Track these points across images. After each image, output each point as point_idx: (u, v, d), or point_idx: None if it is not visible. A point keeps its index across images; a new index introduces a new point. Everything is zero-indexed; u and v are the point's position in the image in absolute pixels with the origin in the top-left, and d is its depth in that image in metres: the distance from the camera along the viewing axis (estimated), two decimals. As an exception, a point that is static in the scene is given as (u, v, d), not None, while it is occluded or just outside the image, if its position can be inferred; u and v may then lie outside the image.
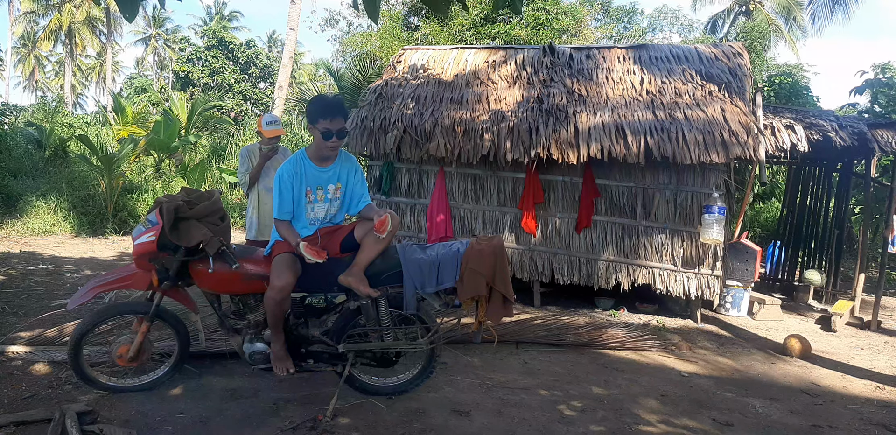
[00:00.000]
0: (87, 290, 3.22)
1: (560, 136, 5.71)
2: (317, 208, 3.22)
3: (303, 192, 3.17)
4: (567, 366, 4.29)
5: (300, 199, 3.17)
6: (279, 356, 3.16)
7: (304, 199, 3.18)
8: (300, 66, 30.48)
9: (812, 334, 5.75)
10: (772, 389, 4.11)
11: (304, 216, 3.21)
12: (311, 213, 3.21)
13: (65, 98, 33.13)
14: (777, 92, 10.87)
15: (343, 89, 12.44)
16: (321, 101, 3.13)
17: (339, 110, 3.07)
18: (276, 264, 3.02)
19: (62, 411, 2.85)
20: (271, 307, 3.01)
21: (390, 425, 3.09)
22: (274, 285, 2.96)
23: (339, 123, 3.07)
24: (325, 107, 3.07)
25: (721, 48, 6.82)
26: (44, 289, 5.63)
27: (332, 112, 3.04)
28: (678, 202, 5.78)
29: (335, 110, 3.05)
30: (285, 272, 2.98)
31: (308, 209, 3.20)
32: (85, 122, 16.62)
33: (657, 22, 24.02)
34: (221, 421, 3.03)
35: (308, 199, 3.19)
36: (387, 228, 2.97)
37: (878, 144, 6.27)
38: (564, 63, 6.81)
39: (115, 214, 10.16)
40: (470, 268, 3.12)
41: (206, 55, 25.02)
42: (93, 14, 33.91)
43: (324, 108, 3.06)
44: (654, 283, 5.87)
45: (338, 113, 3.06)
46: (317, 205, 3.22)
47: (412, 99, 6.52)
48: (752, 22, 18.28)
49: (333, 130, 3.05)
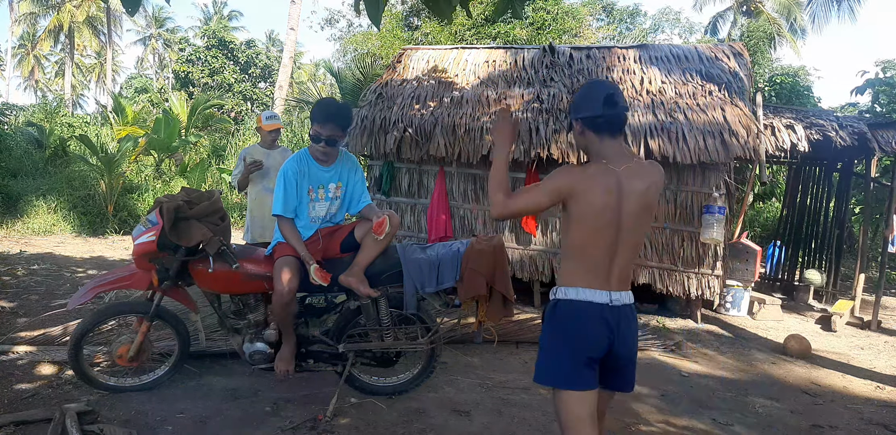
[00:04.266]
0: (87, 290, 3.22)
1: (560, 137, 5.70)
2: (318, 207, 3.22)
3: (304, 190, 3.17)
4: (567, 366, 4.28)
5: (301, 196, 3.17)
6: (284, 358, 3.15)
7: (307, 198, 3.19)
8: (300, 66, 30.48)
9: (812, 334, 5.75)
10: (772, 388, 4.11)
11: (306, 214, 3.21)
12: (312, 211, 3.21)
13: (65, 98, 33.13)
14: (778, 92, 10.87)
15: (343, 89, 12.45)
16: (320, 105, 3.13)
17: (333, 118, 3.05)
18: (279, 269, 3.00)
19: (62, 411, 2.85)
20: (279, 311, 3.02)
21: (390, 425, 3.09)
22: (278, 291, 2.96)
23: (330, 130, 3.05)
24: (321, 111, 3.07)
25: (721, 48, 6.82)
26: (44, 289, 5.63)
27: (326, 118, 3.04)
28: (678, 202, 5.78)
29: (329, 117, 3.04)
30: (289, 277, 2.97)
31: (309, 208, 3.20)
32: (85, 122, 16.62)
33: (659, 22, 24.05)
34: (221, 421, 3.03)
35: (310, 197, 3.19)
36: (385, 230, 2.97)
37: (879, 144, 6.27)
38: (564, 63, 6.81)
39: (115, 214, 10.16)
40: (470, 268, 3.11)
41: (206, 55, 25.00)
42: (92, 14, 33.92)
43: (319, 113, 3.07)
44: (655, 282, 5.86)
45: (331, 120, 3.04)
46: (318, 203, 3.22)
47: (412, 99, 6.52)
48: (756, 23, 18.25)
49: (323, 136, 3.06)
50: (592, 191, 1.94)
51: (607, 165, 1.98)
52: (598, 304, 1.95)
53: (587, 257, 1.98)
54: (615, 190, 1.95)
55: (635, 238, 2.01)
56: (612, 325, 1.95)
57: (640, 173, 2.00)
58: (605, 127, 1.99)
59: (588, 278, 1.97)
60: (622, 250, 1.98)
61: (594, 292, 1.95)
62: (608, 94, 1.98)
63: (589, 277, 1.97)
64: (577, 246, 1.99)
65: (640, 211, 1.98)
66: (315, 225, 3.25)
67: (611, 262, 1.98)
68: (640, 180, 1.99)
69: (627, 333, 1.99)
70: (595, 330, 1.94)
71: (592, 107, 1.99)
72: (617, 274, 1.99)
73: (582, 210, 1.96)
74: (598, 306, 1.94)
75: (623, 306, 1.99)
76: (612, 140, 2.02)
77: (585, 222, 1.96)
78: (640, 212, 1.98)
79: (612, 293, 1.97)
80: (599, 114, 1.97)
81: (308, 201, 3.19)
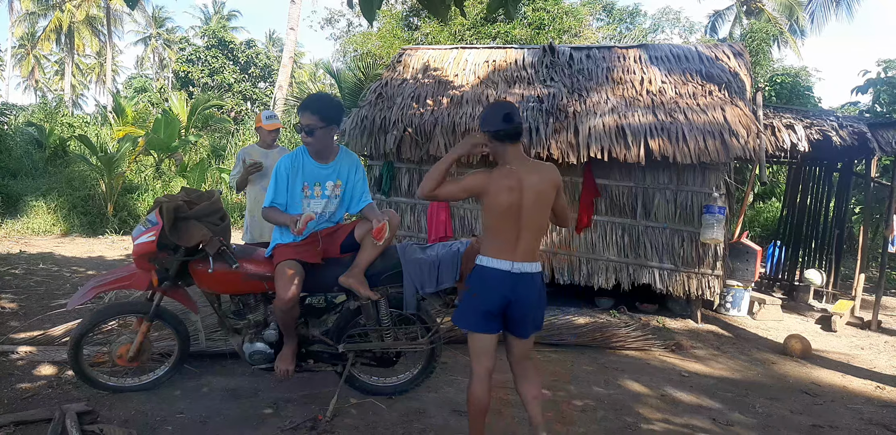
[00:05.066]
0: (87, 290, 3.22)
1: (560, 136, 5.71)
2: (313, 204, 3.21)
3: (298, 187, 3.16)
4: (567, 366, 4.29)
5: (295, 192, 3.17)
6: (285, 359, 3.15)
7: (301, 194, 3.18)
8: (300, 66, 30.47)
9: (812, 334, 5.75)
10: (772, 388, 4.11)
11: (299, 211, 3.20)
12: (306, 208, 3.19)
13: (65, 98, 33.11)
14: (778, 92, 10.87)
15: (343, 89, 12.44)
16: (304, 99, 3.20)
17: (307, 106, 3.08)
18: (281, 274, 2.98)
19: (62, 411, 2.85)
20: (282, 316, 3.01)
21: (390, 425, 3.08)
22: (281, 296, 2.94)
23: (305, 119, 3.07)
24: (301, 103, 3.16)
25: (721, 48, 6.82)
26: (44, 289, 5.63)
27: (301, 107, 3.11)
28: (678, 202, 5.78)
29: (304, 106, 3.10)
30: (292, 282, 2.96)
31: (304, 204, 3.19)
32: (85, 122, 16.61)
33: (659, 22, 24.05)
34: (221, 421, 3.03)
35: (305, 193, 3.18)
36: (384, 236, 2.98)
37: (879, 144, 6.27)
38: (564, 63, 6.81)
39: (115, 214, 10.16)
40: (470, 268, 3.11)
41: (206, 55, 25.00)
42: (92, 13, 33.90)
43: (300, 105, 3.15)
44: (655, 282, 5.86)
45: (305, 108, 3.08)
46: (313, 200, 3.21)
47: (412, 99, 6.52)
48: (758, 23, 18.22)
49: (301, 125, 3.10)
50: (499, 190, 2.55)
51: (510, 168, 2.59)
52: (501, 270, 2.55)
53: (497, 237, 2.59)
54: (517, 187, 2.55)
55: (537, 222, 2.60)
56: (511, 286, 2.54)
57: (535, 171, 2.61)
58: (506, 137, 2.60)
59: (497, 251, 2.58)
60: (525, 232, 2.57)
61: (500, 262, 2.56)
62: (506, 113, 2.58)
63: (497, 251, 2.58)
64: (491, 229, 2.62)
65: (537, 201, 2.57)
66: (309, 222, 3.23)
67: (516, 240, 2.57)
68: (536, 176, 2.58)
69: (525, 294, 2.57)
70: (496, 289, 2.55)
71: (495, 123, 2.58)
72: (521, 248, 2.58)
73: (491, 203, 2.57)
74: (501, 272, 2.55)
75: (523, 274, 2.56)
76: (512, 147, 2.62)
77: (494, 212, 2.58)
78: (537, 202, 2.58)
79: (514, 263, 2.55)
80: (501, 128, 2.58)
81: (302, 198, 3.18)
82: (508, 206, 2.54)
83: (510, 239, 2.57)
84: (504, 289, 2.54)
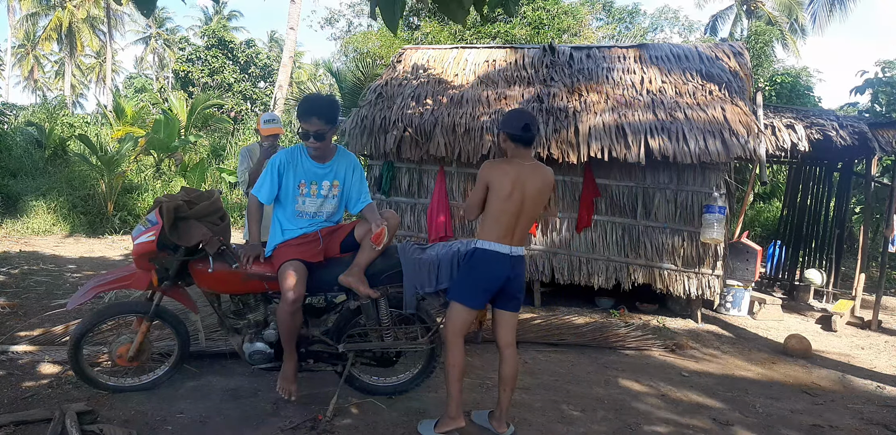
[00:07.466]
0: (87, 290, 3.22)
1: (560, 136, 5.70)
2: (307, 202, 3.20)
3: (292, 183, 3.16)
4: (567, 366, 4.29)
5: (289, 189, 3.16)
6: (287, 376, 3.12)
7: (296, 191, 3.17)
8: (300, 66, 30.46)
9: (812, 334, 5.75)
10: (772, 388, 4.11)
11: (293, 208, 3.19)
12: (300, 205, 3.19)
13: (65, 98, 33.11)
14: (778, 91, 10.88)
15: (343, 89, 12.44)
16: (301, 102, 3.11)
17: (312, 112, 3.01)
18: (284, 274, 2.97)
19: (62, 411, 2.85)
20: (285, 320, 2.97)
21: (390, 425, 3.08)
22: (286, 298, 2.93)
23: (313, 125, 3.02)
24: (301, 108, 3.07)
25: (721, 47, 6.82)
26: (44, 289, 5.63)
27: (306, 113, 3.02)
28: (678, 202, 5.78)
29: (309, 111, 3.02)
30: (295, 282, 2.94)
31: (298, 201, 3.18)
32: (85, 122, 16.61)
33: (658, 21, 24.03)
34: (221, 421, 3.03)
35: (300, 191, 3.17)
36: (383, 241, 3.00)
37: (879, 144, 6.27)
38: (565, 62, 6.81)
39: (115, 214, 10.16)
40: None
41: (206, 55, 24.97)
42: (93, 13, 33.90)
43: (299, 110, 3.07)
44: (655, 282, 5.86)
45: (311, 114, 3.01)
46: (308, 199, 3.19)
47: (412, 98, 6.51)
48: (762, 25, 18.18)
49: (310, 132, 3.04)
50: (505, 179, 2.89)
51: (518, 162, 2.95)
52: (502, 253, 2.91)
53: (499, 223, 2.91)
54: (520, 180, 2.90)
55: (532, 213, 2.96)
56: (509, 267, 2.92)
57: (536, 170, 2.96)
58: (520, 142, 2.96)
59: (498, 236, 2.91)
60: (521, 220, 2.93)
61: (501, 246, 2.91)
62: (526, 123, 2.93)
63: (499, 236, 2.91)
64: (494, 215, 2.92)
65: (535, 194, 2.93)
66: (302, 220, 3.21)
67: (514, 227, 2.93)
68: (537, 174, 2.95)
69: (520, 272, 3.00)
70: (498, 270, 2.91)
71: (516, 127, 2.93)
72: (517, 235, 2.95)
73: (497, 191, 2.89)
74: (502, 255, 2.91)
75: (518, 256, 2.95)
76: (523, 149, 2.99)
77: (499, 200, 2.89)
78: (535, 195, 2.93)
79: (511, 247, 2.92)
80: (519, 134, 2.94)
81: (297, 195, 3.17)
82: (511, 194, 2.87)
83: (510, 227, 2.91)
84: (506, 269, 2.90)
